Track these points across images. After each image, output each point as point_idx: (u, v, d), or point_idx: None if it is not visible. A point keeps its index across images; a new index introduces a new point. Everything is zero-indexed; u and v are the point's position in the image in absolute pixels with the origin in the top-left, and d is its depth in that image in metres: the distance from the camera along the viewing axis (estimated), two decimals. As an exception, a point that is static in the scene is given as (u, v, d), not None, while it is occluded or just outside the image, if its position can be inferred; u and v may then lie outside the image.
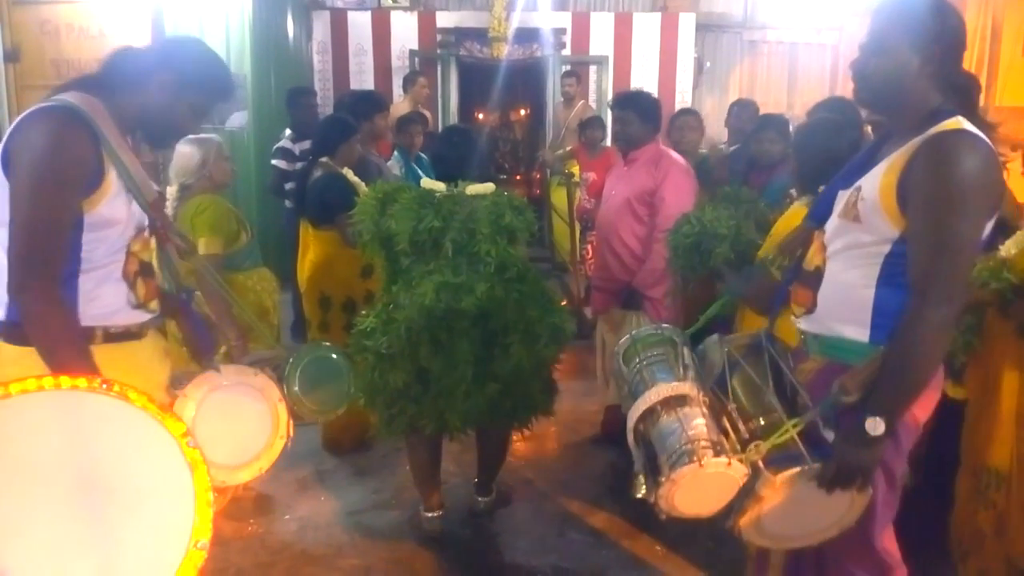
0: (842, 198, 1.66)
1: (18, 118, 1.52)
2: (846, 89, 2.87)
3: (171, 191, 2.85)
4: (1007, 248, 2.19)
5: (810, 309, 1.71)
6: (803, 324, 1.76)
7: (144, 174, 1.68)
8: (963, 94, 1.57)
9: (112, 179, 1.56)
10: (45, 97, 1.57)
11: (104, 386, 1.33)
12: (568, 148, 6.51)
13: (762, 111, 4.97)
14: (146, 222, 1.70)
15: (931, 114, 1.53)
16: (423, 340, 2.50)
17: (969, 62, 7.27)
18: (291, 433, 1.94)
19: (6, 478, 1.26)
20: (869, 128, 2.89)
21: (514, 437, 3.13)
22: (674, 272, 2.71)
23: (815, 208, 1.86)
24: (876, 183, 1.56)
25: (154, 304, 1.74)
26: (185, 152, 2.86)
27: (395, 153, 4.70)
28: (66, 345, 1.49)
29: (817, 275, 1.70)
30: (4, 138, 1.52)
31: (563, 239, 6.28)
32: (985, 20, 6.65)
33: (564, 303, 4.80)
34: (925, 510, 2.18)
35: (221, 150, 2.94)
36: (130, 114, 1.64)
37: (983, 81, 6.46)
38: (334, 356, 2.29)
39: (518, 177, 9.84)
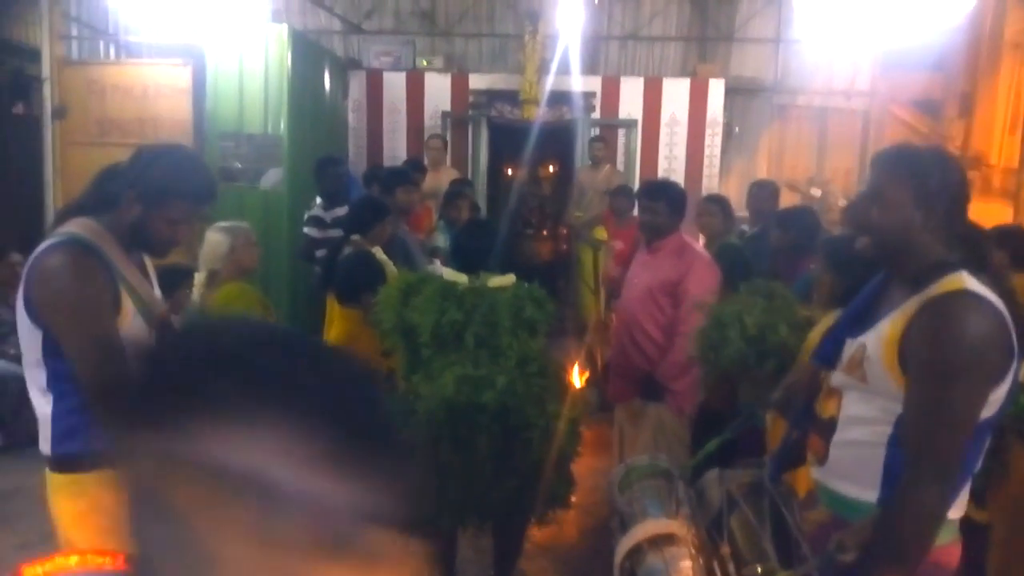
0: (849, 348, 1.62)
1: (31, 259, 1.55)
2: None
3: (199, 277, 2.92)
4: None
5: (822, 460, 1.66)
6: (815, 473, 1.71)
7: (150, 290, 1.72)
8: (969, 246, 1.53)
9: (127, 301, 1.61)
10: (50, 227, 1.63)
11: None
12: (596, 213, 6.55)
13: (791, 175, 4.94)
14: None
15: (934, 266, 1.49)
16: (443, 434, 2.49)
17: (1003, 121, 7.20)
18: None
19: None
20: None
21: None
22: (705, 373, 2.69)
23: (821, 348, 1.81)
24: (879, 344, 1.52)
25: None
26: (214, 239, 2.94)
27: (440, 223, 4.75)
28: None
29: (831, 425, 1.65)
30: (22, 283, 1.55)
31: (589, 305, 6.27)
32: (1020, 77, 6.57)
33: (587, 375, 4.78)
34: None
35: (249, 236, 3.02)
36: (124, 232, 1.65)
37: (1017, 139, 6.35)
38: None
39: (545, 233, 9.88)
